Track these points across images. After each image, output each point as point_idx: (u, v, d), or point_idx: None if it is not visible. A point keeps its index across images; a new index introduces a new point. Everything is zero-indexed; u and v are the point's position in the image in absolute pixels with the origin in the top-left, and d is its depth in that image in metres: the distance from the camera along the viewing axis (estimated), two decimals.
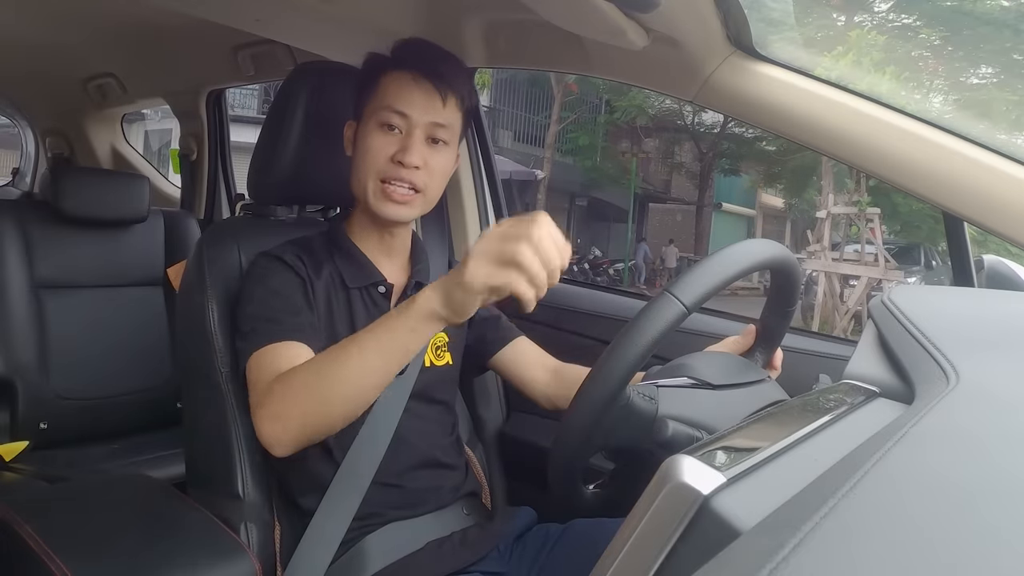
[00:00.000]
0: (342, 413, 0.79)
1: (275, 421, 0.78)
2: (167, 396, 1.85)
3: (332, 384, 0.77)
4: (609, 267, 14.44)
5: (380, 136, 0.93)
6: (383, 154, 0.92)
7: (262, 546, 0.95)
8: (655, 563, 0.35)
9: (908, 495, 0.31)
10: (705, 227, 15.76)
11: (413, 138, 0.92)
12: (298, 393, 0.78)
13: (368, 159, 0.93)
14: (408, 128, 0.93)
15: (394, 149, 0.92)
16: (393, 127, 0.93)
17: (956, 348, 0.49)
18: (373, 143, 0.93)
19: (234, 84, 2.31)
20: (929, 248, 11.51)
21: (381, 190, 0.93)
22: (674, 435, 0.64)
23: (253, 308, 0.90)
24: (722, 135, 14.63)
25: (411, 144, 0.92)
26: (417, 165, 0.92)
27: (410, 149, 0.92)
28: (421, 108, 0.93)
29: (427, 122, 0.93)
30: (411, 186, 0.93)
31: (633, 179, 15.14)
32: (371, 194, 0.94)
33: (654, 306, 0.62)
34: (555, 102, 13.81)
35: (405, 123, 0.93)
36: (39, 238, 1.78)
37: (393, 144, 0.93)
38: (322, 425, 0.80)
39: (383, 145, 0.93)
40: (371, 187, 0.93)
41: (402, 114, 0.92)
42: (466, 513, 1.02)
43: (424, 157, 0.93)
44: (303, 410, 0.78)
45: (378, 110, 0.93)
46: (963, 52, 10.18)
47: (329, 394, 0.77)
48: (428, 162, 0.94)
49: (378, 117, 0.93)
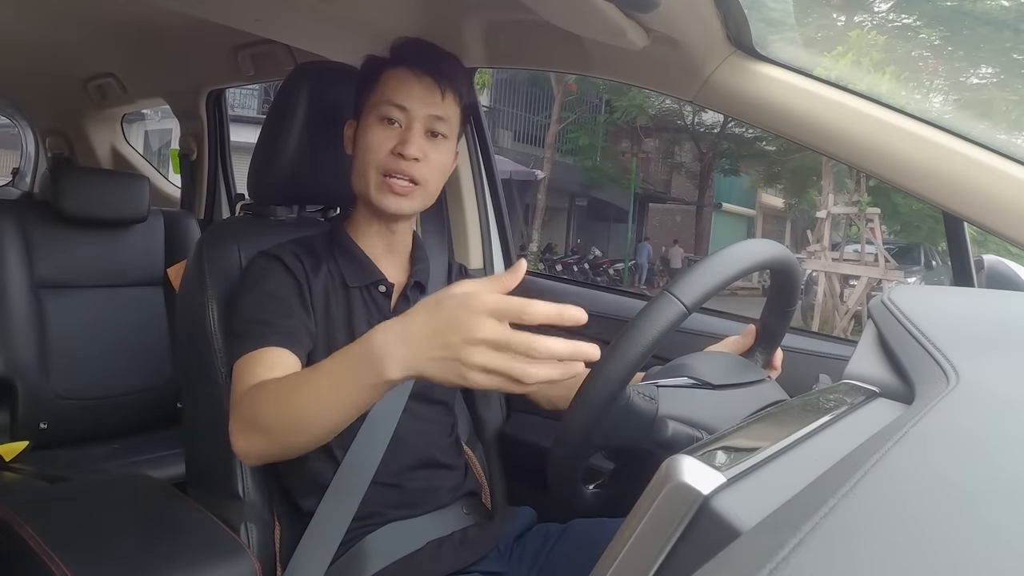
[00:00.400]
0: (306, 442, 0.75)
1: (241, 435, 0.76)
2: (167, 396, 1.85)
3: (297, 412, 0.73)
4: (609, 267, 14.44)
5: (380, 130, 0.93)
6: (383, 147, 0.93)
7: (262, 546, 0.95)
8: (655, 563, 0.35)
9: (908, 495, 0.31)
10: (705, 227, 15.76)
11: (412, 131, 0.93)
12: (266, 411, 0.75)
13: (369, 153, 0.93)
14: (407, 121, 0.93)
15: (394, 142, 0.93)
16: (393, 121, 0.93)
17: (956, 348, 0.49)
18: (373, 137, 0.93)
19: (234, 84, 2.31)
20: (929, 248, 11.52)
21: (382, 183, 0.93)
22: (674, 435, 0.64)
23: (246, 310, 0.90)
24: (722, 135, 14.63)
25: (410, 137, 0.92)
26: (416, 157, 0.93)
27: (409, 141, 0.92)
28: (419, 101, 0.94)
29: (426, 115, 0.94)
30: (411, 179, 0.93)
31: (633, 179, 15.14)
32: (372, 187, 0.94)
33: (654, 306, 0.62)
34: (555, 102, 13.81)
35: (404, 116, 0.93)
36: (39, 238, 1.78)
37: (393, 137, 0.93)
38: (289, 446, 0.76)
39: (383, 139, 0.93)
40: (372, 180, 0.94)
41: (401, 107, 0.93)
42: (466, 513, 1.02)
43: (423, 150, 0.93)
44: (269, 428, 0.75)
45: (378, 105, 0.94)
46: (963, 52, 10.18)
47: (295, 421, 0.73)
48: (427, 155, 0.94)
49: (378, 112, 0.94)
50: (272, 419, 0.74)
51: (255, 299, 0.90)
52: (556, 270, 12.26)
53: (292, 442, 0.75)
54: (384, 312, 0.99)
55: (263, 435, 0.75)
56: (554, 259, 13.85)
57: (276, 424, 0.74)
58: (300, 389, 0.73)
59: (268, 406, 0.75)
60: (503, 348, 0.58)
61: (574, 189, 15.91)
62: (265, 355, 0.84)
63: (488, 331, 0.58)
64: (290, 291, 0.92)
